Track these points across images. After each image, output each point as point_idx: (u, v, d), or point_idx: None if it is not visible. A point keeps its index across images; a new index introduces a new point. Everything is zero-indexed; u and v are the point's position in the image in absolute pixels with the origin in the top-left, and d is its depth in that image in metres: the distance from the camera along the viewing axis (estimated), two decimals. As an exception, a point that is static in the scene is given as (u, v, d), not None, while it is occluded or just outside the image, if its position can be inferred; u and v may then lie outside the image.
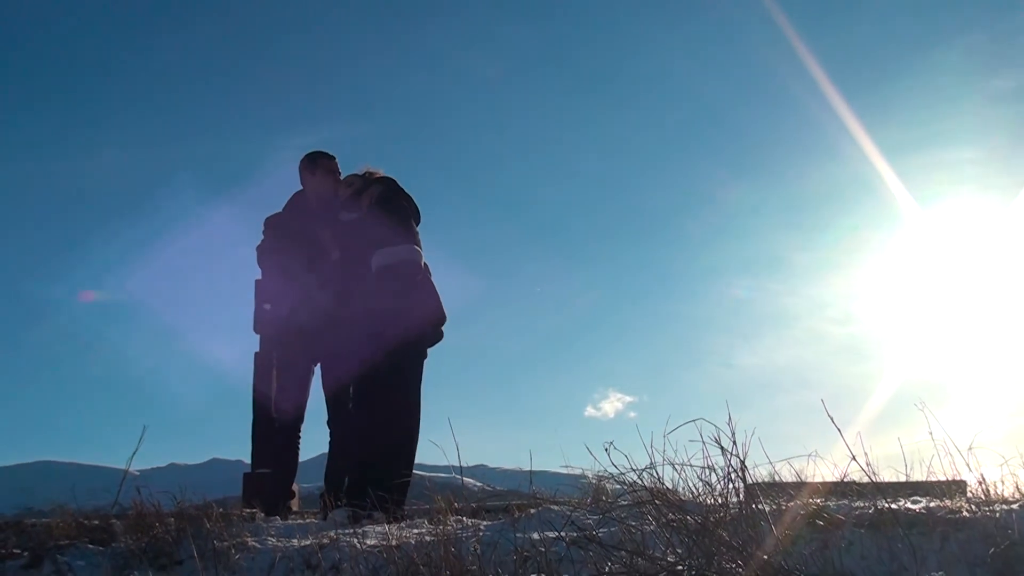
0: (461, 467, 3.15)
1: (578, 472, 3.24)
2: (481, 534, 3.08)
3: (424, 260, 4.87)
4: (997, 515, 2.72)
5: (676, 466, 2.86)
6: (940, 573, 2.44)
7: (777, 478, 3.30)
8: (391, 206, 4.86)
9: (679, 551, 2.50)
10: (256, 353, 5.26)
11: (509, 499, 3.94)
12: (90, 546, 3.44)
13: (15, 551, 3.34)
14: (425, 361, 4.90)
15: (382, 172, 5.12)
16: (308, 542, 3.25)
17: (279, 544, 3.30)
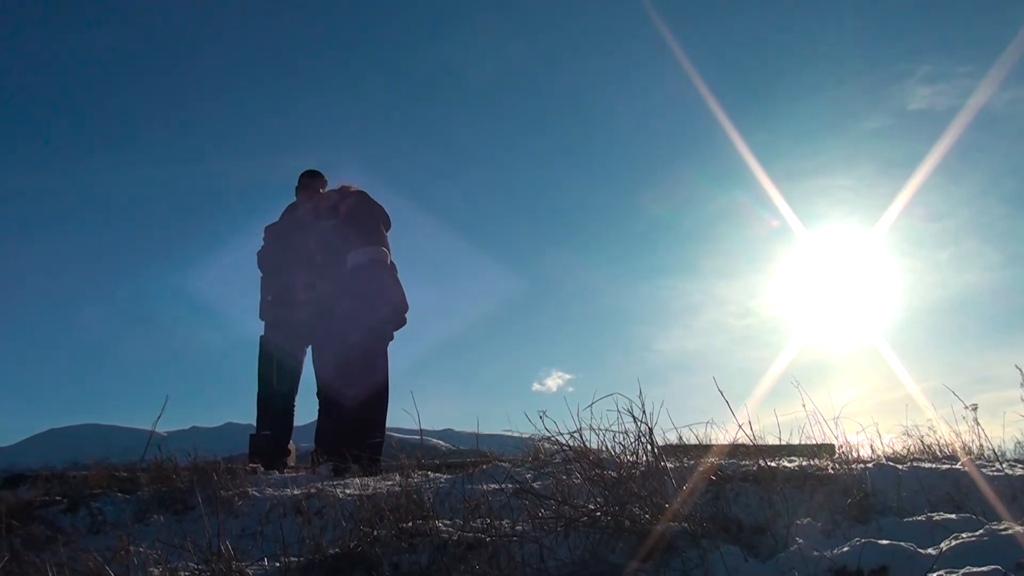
0: (421, 431, 3.30)
1: (521, 435, 3.37)
2: (439, 486, 3.24)
3: (391, 259, 5.05)
4: (855, 472, 2.94)
5: (597, 431, 3.00)
6: (807, 519, 2.56)
7: (683, 442, 3.46)
8: (364, 214, 5.09)
9: (599, 500, 2.64)
10: (261, 336, 5.47)
11: (467, 457, 4.09)
12: (119, 494, 3.65)
13: (57, 498, 3.51)
14: (391, 343, 5.13)
15: (356, 186, 5.30)
16: (298, 492, 3.44)
17: (275, 493, 3.48)
